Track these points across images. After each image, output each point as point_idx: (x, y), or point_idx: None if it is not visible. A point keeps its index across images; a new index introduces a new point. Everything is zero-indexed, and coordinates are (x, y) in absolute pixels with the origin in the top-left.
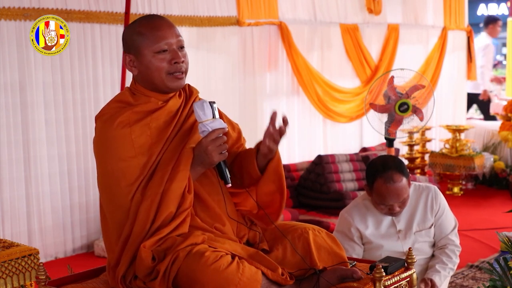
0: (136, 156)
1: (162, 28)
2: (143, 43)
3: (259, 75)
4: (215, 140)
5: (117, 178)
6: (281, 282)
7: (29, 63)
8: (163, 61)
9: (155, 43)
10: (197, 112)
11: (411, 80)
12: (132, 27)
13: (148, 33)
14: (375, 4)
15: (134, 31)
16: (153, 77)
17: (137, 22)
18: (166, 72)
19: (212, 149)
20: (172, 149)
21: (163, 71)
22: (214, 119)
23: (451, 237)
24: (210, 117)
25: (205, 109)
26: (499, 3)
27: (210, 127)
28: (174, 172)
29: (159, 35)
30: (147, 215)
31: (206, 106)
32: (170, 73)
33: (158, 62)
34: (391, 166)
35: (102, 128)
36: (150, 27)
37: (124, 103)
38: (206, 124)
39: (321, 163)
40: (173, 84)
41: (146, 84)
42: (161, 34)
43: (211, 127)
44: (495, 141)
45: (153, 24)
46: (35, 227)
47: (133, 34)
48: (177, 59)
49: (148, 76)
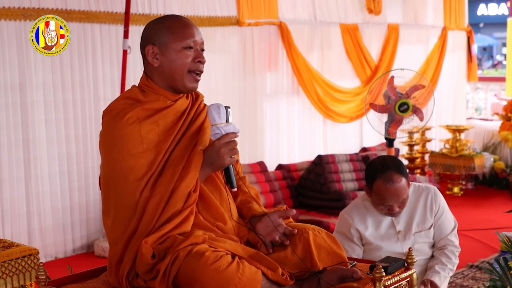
0: (145, 152)
1: (191, 27)
2: (171, 36)
3: (259, 75)
4: (228, 143)
5: (125, 173)
6: (281, 282)
7: (29, 63)
8: (188, 57)
9: (184, 39)
10: (213, 115)
11: (411, 80)
12: (160, 21)
13: (178, 28)
14: (375, 4)
15: (163, 25)
16: (175, 71)
17: (165, 18)
18: (188, 68)
19: (224, 151)
20: (182, 149)
21: (185, 67)
22: (228, 123)
23: (450, 238)
24: (224, 121)
25: (221, 113)
26: (499, 3)
27: (224, 130)
28: (185, 172)
29: (188, 32)
30: (155, 211)
31: (222, 110)
32: (191, 71)
33: (183, 57)
34: (390, 166)
35: (110, 123)
36: (180, 24)
37: (133, 100)
38: (220, 127)
39: (321, 163)
40: (190, 84)
41: (162, 79)
42: (190, 31)
43: (225, 130)
44: (495, 141)
45: (183, 22)
46: (35, 227)
47: (161, 27)
48: (200, 58)
49: (170, 69)
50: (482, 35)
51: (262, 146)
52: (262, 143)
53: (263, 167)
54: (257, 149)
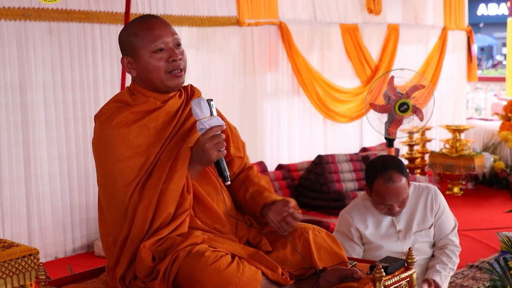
0: (134, 156)
1: (157, 28)
2: (139, 44)
3: (259, 75)
4: (212, 137)
5: (115, 178)
6: (281, 282)
7: (29, 63)
8: (160, 60)
9: (151, 43)
10: (194, 110)
11: (411, 80)
12: (128, 29)
13: (144, 33)
14: (375, 4)
15: (130, 33)
16: (152, 77)
17: (131, 24)
18: (164, 71)
19: (209, 146)
20: (170, 149)
21: (161, 70)
22: (212, 116)
23: (451, 237)
24: (207, 115)
25: (202, 107)
26: (499, 3)
27: (208, 125)
28: (172, 172)
29: (155, 35)
30: (145, 215)
31: (204, 104)
32: (168, 72)
33: (155, 61)
34: (390, 166)
35: (100, 128)
36: (145, 27)
37: (122, 103)
38: (203, 122)
39: (321, 163)
40: (173, 82)
41: (145, 85)
42: (156, 33)
43: (209, 124)
44: (495, 141)
45: (148, 24)
46: (35, 227)
47: (129, 35)
48: (174, 57)
49: (147, 76)
50: (482, 35)
51: (262, 146)
52: (262, 143)
53: (263, 167)
54: (257, 149)
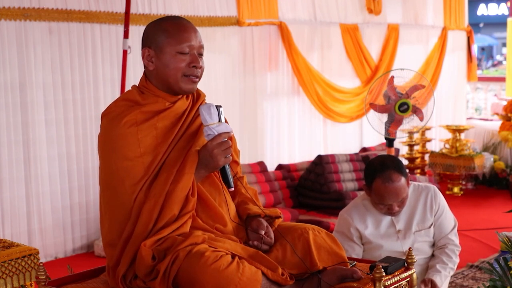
0: (142, 155)
1: (188, 31)
2: (166, 40)
3: (259, 75)
4: (220, 144)
5: (122, 177)
6: (281, 282)
7: (29, 63)
8: (182, 62)
9: (179, 43)
10: (204, 115)
11: (411, 80)
12: (158, 23)
13: (174, 32)
14: (375, 4)
15: (160, 28)
16: (168, 76)
17: (163, 20)
18: (182, 73)
19: (217, 152)
20: (178, 151)
21: (180, 72)
22: (220, 123)
23: (450, 237)
24: (216, 121)
25: (212, 113)
26: (499, 3)
27: (216, 131)
28: (179, 174)
29: (185, 37)
30: (150, 215)
31: (213, 110)
32: (186, 75)
33: (177, 62)
34: (389, 165)
35: (108, 126)
36: (177, 27)
37: (131, 102)
38: (212, 128)
39: (321, 163)
40: (187, 86)
41: (159, 82)
42: (186, 36)
43: (217, 130)
44: (495, 141)
45: (180, 25)
46: (35, 227)
47: (158, 30)
48: (196, 63)
49: (165, 73)
50: (482, 35)
51: (262, 146)
52: (262, 143)
53: (263, 167)
54: (257, 149)
